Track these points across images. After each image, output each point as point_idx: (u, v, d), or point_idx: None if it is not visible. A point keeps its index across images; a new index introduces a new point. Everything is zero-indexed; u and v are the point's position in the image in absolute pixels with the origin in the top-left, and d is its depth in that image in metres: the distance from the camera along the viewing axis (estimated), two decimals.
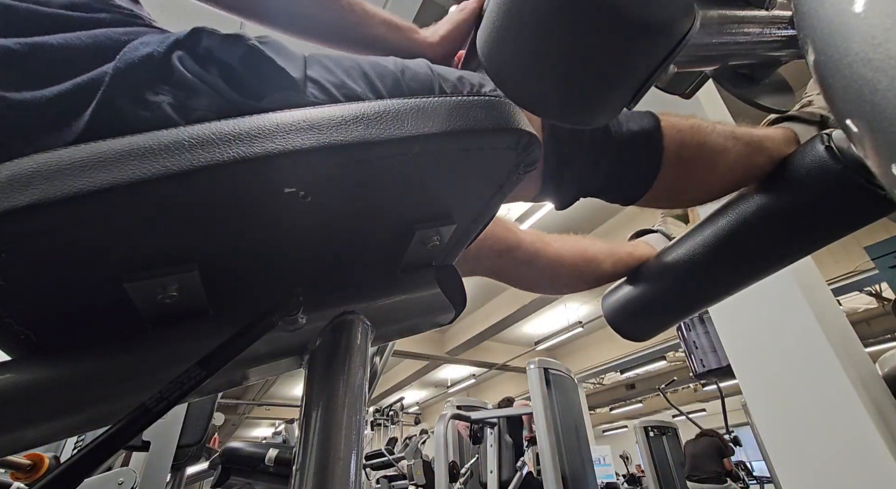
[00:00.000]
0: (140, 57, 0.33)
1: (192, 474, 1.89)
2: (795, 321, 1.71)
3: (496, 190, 0.42)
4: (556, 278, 0.84)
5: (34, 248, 0.29)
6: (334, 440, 0.36)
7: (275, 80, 0.36)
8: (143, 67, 0.33)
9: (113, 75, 0.32)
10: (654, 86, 0.51)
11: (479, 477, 2.91)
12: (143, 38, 0.36)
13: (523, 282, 0.84)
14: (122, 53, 0.34)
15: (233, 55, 0.36)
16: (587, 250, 0.86)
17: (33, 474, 0.86)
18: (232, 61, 0.36)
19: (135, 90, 0.32)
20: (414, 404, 13.33)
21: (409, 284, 0.45)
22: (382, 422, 7.11)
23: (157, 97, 0.33)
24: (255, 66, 0.36)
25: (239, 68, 0.36)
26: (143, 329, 0.37)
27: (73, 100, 0.31)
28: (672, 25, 0.37)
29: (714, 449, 4.51)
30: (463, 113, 0.35)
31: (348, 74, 0.40)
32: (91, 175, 0.27)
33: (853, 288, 5.76)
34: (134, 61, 0.33)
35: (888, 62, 0.23)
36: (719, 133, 0.65)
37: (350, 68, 0.40)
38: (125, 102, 0.32)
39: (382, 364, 1.79)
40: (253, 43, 0.37)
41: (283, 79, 0.36)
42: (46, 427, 0.35)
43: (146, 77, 0.33)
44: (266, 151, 0.30)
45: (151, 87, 0.33)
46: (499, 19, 0.43)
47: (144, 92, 0.33)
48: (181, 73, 0.34)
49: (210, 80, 0.35)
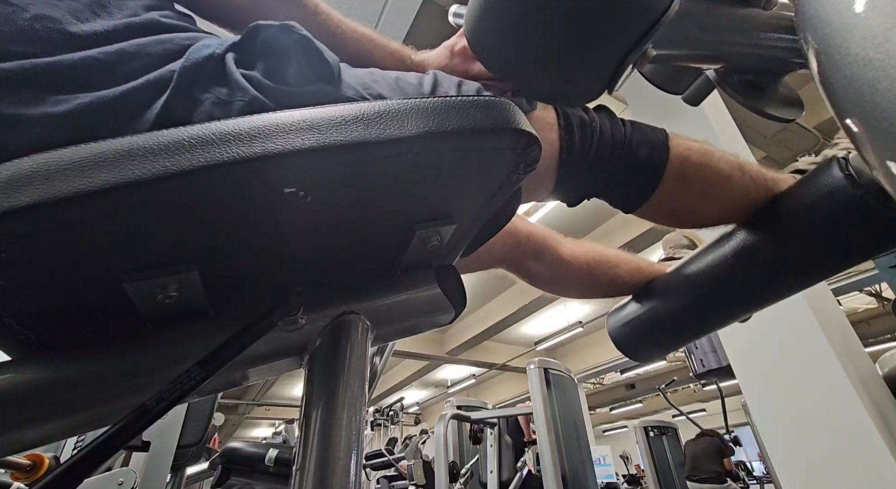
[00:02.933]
0: (203, 57, 0.38)
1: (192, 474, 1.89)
2: (795, 321, 1.71)
3: (496, 190, 0.42)
4: (564, 278, 0.83)
5: (34, 248, 0.29)
6: (334, 440, 0.36)
7: (316, 69, 0.40)
8: (205, 65, 0.38)
9: (180, 73, 0.37)
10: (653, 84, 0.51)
11: (479, 477, 2.91)
12: (204, 40, 0.41)
13: (534, 277, 0.84)
14: (187, 53, 0.38)
15: (287, 41, 0.40)
16: (602, 252, 0.85)
17: (33, 474, 0.86)
18: (285, 46, 0.40)
19: (197, 85, 0.37)
20: (414, 404, 13.32)
21: (409, 284, 0.45)
22: (382, 422, 7.10)
23: (212, 92, 0.37)
24: (303, 53, 0.40)
25: (289, 53, 0.40)
26: (143, 329, 0.37)
27: (147, 94, 0.36)
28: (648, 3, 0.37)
29: (714, 449, 4.51)
30: (463, 113, 0.35)
31: (375, 80, 0.44)
32: (91, 175, 0.27)
33: (853, 288, 5.75)
34: (198, 60, 0.38)
35: (888, 62, 0.23)
36: (727, 161, 0.65)
37: (378, 76, 0.45)
38: (189, 96, 0.36)
39: (382, 364, 1.79)
40: (305, 33, 0.41)
41: (323, 69, 0.41)
42: (46, 427, 0.35)
43: (206, 74, 0.37)
44: (266, 151, 0.30)
45: (210, 83, 0.37)
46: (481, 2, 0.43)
47: (205, 87, 0.37)
48: (231, 70, 0.38)
49: (252, 76, 0.38)
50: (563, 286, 0.86)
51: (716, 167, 0.64)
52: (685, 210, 0.67)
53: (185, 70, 0.37)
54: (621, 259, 0.85)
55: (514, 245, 0.78)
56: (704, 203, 0.66)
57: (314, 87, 0.40)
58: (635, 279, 0.84)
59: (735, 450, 4.54)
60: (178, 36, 0.41)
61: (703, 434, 4.66)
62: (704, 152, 0.64)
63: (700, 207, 0.67)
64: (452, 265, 0.49)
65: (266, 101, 0.37)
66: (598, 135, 0.59)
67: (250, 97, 0.37)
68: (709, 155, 0.64)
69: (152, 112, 0.35)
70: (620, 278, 0.83)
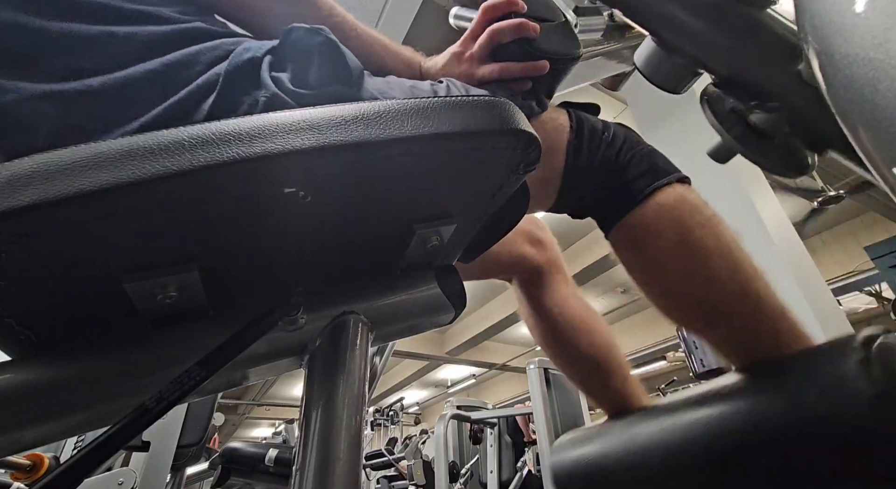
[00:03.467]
0: (244, 60, 0.40)
1: (192, 474, 1.90)
2: None
3: (497, 190, 0.42)
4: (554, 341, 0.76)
5: (34, 248, 0.29)
6: (334, 440, 0.36)
7: (337, 72, 0.42)
8: (246, 69, 0.40)
9: (224, 76, 0.39)
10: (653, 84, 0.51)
11: (479, 477, 2.91)
12: (245, 44, 0.43)
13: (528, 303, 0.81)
14: (231, 57, 0.41)
15: (313, 42, 0.42)
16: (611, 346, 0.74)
17: (33, 474, 0.86)
18: (311, 48, 0.42)
19: (238, 88, 0.39)
20: (414, 404, 13.32)
21: (409, 284, 0.45)
22: (382, 422, 7.10)
23: (251, 95, 0.39)
24: (328, 56, 0.42)
25: (314, 55, 0.42)
26: (143, 329, 0.37)
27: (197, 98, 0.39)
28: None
29: None
30: (463, 113, 0.35)
31: (391, 87, 0.46)
32: (91, 175, 0.27)
33: (853, 288, 5.76)
34: (239, 64, 0.40)
35: (888, 62, 0.23)
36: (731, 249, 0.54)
37: (394, 83, 0.47)
38: (232, 98, 0.39)
39: (382, 364, 1.79)
40: (332, 37, 0.43)
41: (345, 73, 0.42)
42: (46, 427, 0.35)
43: (247, 77, 0.40)
44: (266, 151, 0.30)
45: (250, 86, 0.39)
46: None
47: (244, 90, 0.39)
48: (263, 73, 0.40)
49: (279, 78, 0.40)
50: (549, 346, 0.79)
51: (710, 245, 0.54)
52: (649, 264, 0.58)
53: (229, 74, 0.39)
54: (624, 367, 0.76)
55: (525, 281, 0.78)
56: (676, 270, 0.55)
57: (334, 88, 0.41)
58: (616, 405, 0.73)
59: None
60: (226, 41, 0.43)
61: None
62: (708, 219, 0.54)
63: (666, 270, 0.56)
64: (452, 265, 0.49)
65: (288, 100, 0.39)
66: (607, 146, 0.59)
67: (271, 94, 0.39)
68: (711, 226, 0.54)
69: (200, 115, 0.38)
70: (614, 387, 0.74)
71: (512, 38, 0.57)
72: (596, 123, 0.61)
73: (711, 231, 0.55)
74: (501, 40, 0.57)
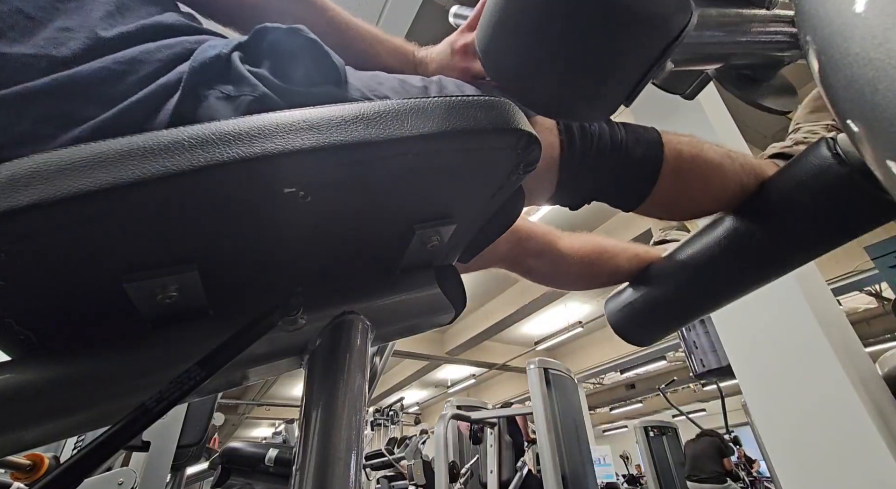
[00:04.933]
0: (209, 57, 0.39)
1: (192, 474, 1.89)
2: (795, 321, 1.70)
3: (496, 190, 0.42)
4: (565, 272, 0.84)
5: (34, 248, 0.29)
6: (334, 440, 0.36)
7: (323, 71, 0.41)
8: (212, 66, 0.39)
9: (188, 73, 0.38)
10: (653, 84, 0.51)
11: (479, 477, 2.91)
12: (210, 41, 0.42)
13: (533, 274, 0.84)
14: (194, 54, 0.39)
15: (294, 43, 0.41)
16: (600, 243, 0.86)
17: (33, 474, 0.86)
18: (293, 49, 0.41)
19: (205, 85, 0.38)
20: (414, 404, 13.32)
21: (409, 284, 0.45)
22: (382, 422, 7.10)
23: (220, 90, 0.38)
24: (311, 55, 0.41)
25: (297, 55, 0.41)
26: (143, 329, 0.37)
27: (159, 98, 0.37)
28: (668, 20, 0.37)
29: (714, 449, 4.50)
30: (463, 113, 0.35)
31: (379, 82, 0.45)
32: (91, 175, 0.27)
33: (853, 288, 5.76)
34: (205, 61, 0.39)
35: (888, 62, 0.23)
36: (715, 151, 0.67)
37: (382, 78, 0.46)
38: (199, 95, 0.37)
39: (382, 364, 1.79)
40: (313, 36, 0.42)
41: (331, 72, 0.41)
42: (46, 427, 0.35)
43: (213, 74, 0.38)
44: (266, 151, 0.30)
45: (217, 82, 0.38)
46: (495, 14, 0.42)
47: (212, 86, 0.38)
48: (238, 69, 0.39)
49: (260, 73, 0.39)
50: (564, 280, 0.87)
51: (707, 157, 0.66)
52: (682, 202, 0.68)
53: (193, 70, 0.38)
54: (619, 248, 0.86)
55: (516, 243, 0.79)
56: (700, 193, 0.67)
57: (321, 88, 0.41)
58: (634, 266, 0.85)
59: (735, 449, 4.54)
60: (187, 39, 0.42)
61: (703, 434, 4.65)
62: (694, 144, 0.66)
63: (696, 198, 0.68)
64: (452, 265, 0.49)
65: (276, 98, 0.38)
66: (598, 137, 0.60)
67: (260, 93, 0.38)
68: (699, 146, 0.66)
69: (165, 114, 0.36)
70: (620, 267, 0.85)
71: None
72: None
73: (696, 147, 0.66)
74: None
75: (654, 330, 0.84)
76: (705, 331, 2.76)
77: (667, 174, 0.63)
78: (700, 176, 0.66)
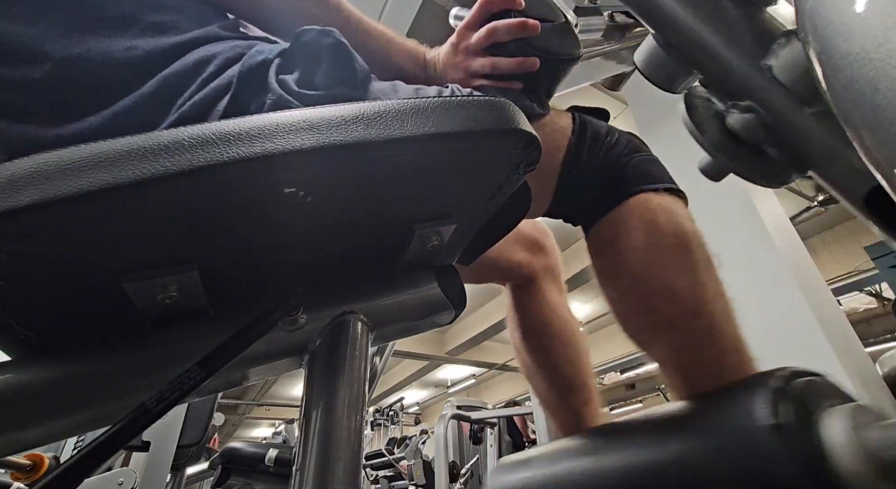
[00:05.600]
0: (256, 62, 0.41)
1: (192, 474, 1.90)
2: (795, 321, 1.70)
3: (496, 190, 0.42)
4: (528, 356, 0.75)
5: (34, 248, 0.29)
6: (334, 440, 0.36)
7: (344, 73, 0.43)
8: (258, 70, 0.41)
9: (238, 78, 0.40)
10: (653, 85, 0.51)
11: (479, 477, 2.91)
12: (258, 46, 0.44)
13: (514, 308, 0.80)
14: (243, 60, 0.41)
15: (324, 43, 0.43)
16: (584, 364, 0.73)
17: (33, 474, 0.86)
18: (321, 50, 0.43)
19: (249, 90, 0.40)
20: (414, 404, 13.32)
21: (409, 284, 0.45)
22: (382, 422, 7.10)
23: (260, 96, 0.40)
24: (336, 57, 0.43)
25: (323, 56, 0.42)
26: (143, 329, 0.37)
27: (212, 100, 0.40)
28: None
29: None
30: (463, 113, 0.35)
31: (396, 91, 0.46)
32: (91, 175, 0.27)
33: (853, 288, 5.76)
34: (252, 65, 0.41)
35: (889, 62, 0.23)
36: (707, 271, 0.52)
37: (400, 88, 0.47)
38: (243, 101, 0.39)
39: (382, 364, 1.79)
40: (342, 39, 0.43)
41: (350, 75, 0.43)
42: (46, 427, 0.35)
43: (260, 77, 0.40)
44: (266, 151, 0.30)
45: (259, 87, 0.40)
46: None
47: (254, 91, 0.40)
48: (270, 75, 0.41)
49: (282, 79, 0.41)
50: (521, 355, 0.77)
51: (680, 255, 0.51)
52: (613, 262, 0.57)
53: (242, 75, 0.40)
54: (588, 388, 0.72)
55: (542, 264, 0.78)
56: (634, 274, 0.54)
57: (339, 90, 0.42)
58: (571, 425, 0.70)
59: None
60: (239, 44, 0.44)
61: None
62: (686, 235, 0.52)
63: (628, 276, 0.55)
64: (452, 265, 0.49)
65: (293, 101, 0.39)
66: (607, 150, 0.58)
67: (277, 96, 0.39)
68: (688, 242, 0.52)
69: (215, 116, 0.39)
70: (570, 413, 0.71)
71: (512, 37, 0.56)
72: (600, 128, 0.60)
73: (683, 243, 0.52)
74: (501, 38, 0.57)
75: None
76: None
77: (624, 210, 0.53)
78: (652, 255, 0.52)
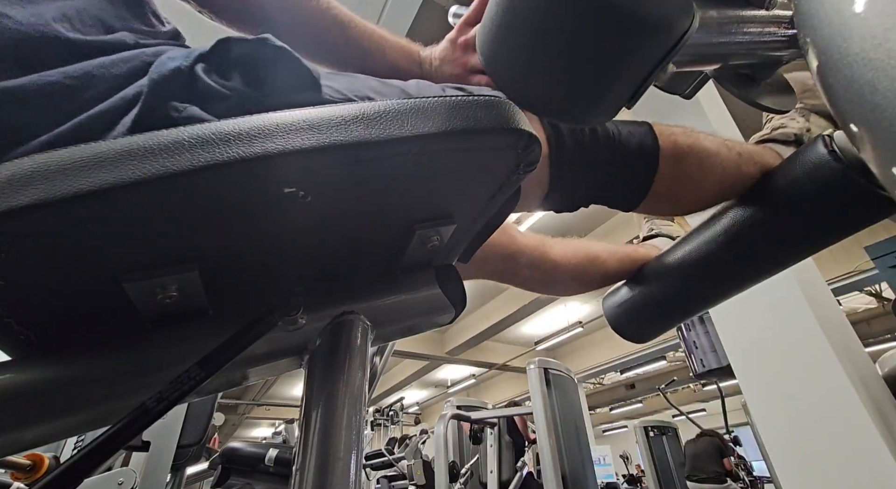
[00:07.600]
0: (169, 70, 0.37)
1: (192, 474, 1.89)
2: (795, 321, 1.70)
3: (496, 190, 0.42)
4: (560, 280, 0.85)
5: (34, 248, 0.29)
6: (334, 440, 0.36)
7: (297, 78, 0.40)
8: (173, 79, 0.36)
9: (149, 88, 0.36)
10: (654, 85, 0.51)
11: (479, 477, 2.91)
12: (168, 53, 0.39)
13: (528, 284, 0.85)
14: (153, 68, 0.37)
15: (264, 55, 0.39)
16: (589, 249, 0.87)
17: (33, 474, 0.86)
18: (264, 60, 0.39)
19: (167, 99, 0.36)
20: (414, 404, 13.32)
21: (409, 284, 0.45)
22: (382, 422, 7.10)
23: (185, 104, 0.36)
24: (283, 65, 0.39)
25: (268, 67, 0.39)
26: (143, 329, 0.37)
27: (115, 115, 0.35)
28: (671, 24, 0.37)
29: (714, 449, 4.50)
30: (463, 113, 0.35)
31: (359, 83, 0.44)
32: (91, 175, 0.27)
33: (853, 288, 5.76)
34: (164, 74, 0.36)
35: (888, 62, 0.23)
36: (711, 140, 0.67)
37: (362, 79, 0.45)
38: (160, 110, 0.35)
39: (382, 364, 1.79)
40: (280, 44, 0.40)
41: (305, 78, 0.40)
42: (46, 427, 0.35)
43: (175, 87, 0.36)
44: (266, 151, 0.30)
45: (180, 95, 0.36)
46: (497, 17, 0.43)
47: (175, 100, 0.36)
48: (204, 81, 0.37)
49: (230, 85, 0.37)
50: (558, 288, 0.88)
51: (704, 146, 0.65)
52: (684, 194, 0.67)
53: (154, 83, 0.36)
54: (610, 251, 0.88)
55: (509, 258, 0.80)
56: (701, 182, 0.67)
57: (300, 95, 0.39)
58: (626, 267, 0.87)
59: (735, 449, 4.54)
60: (144, 51, 0.40)
61: (703, 434, 4.65)
62: (689, 134, 0.66)
63: (698, 188, 0.67)
64: (452, 265, 0.49)
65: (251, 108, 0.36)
66: (589, 133, 0.59)
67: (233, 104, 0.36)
68: (694, 135, 0.66)
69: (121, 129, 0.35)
70: (612, 270, 0.86)
71: None
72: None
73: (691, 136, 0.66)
74: None
75: (651, 327, 0.85)
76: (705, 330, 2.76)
77: (665, 165, 0.62)
78: (699, 164, 0.65)
